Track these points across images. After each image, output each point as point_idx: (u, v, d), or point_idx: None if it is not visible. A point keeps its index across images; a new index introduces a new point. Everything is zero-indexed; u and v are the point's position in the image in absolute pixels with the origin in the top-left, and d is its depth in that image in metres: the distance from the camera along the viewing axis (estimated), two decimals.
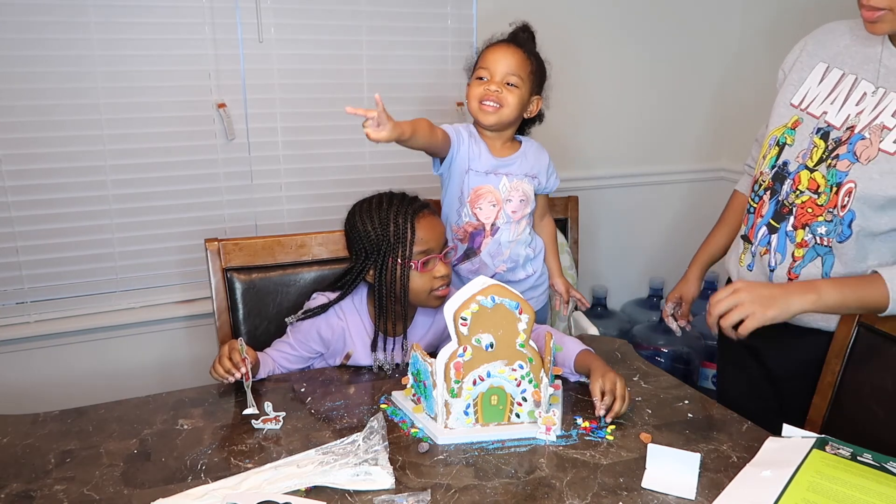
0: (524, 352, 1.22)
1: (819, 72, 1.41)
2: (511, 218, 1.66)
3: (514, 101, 1.59)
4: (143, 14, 1.89)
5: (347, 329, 1.48)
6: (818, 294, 1.25)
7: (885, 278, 1.26)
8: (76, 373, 2.03)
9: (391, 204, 1.45)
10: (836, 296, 1.26)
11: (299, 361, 1.50)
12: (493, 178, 1.64)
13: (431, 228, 1.45)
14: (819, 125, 1.36)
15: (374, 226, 1.43)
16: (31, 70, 1.82)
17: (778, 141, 1.42)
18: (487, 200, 1.64)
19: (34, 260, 1.93)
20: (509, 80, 1.58)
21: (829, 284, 1.27)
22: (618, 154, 2.61)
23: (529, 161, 1.68)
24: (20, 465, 1.12)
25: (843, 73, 1.37)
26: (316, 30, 2.07)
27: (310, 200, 2.18)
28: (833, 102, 1.36)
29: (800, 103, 1.41)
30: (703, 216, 2.70)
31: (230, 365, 1.30)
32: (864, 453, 1.10)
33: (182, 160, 2.02)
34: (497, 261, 1.67)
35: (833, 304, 1.27)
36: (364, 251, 1.44)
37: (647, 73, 2.56)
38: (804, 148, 1.36)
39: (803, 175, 1.35)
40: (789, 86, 1.44)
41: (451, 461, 1.14)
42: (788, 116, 1.42)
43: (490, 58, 1.59)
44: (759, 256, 1.41)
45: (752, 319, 1.23)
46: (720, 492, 1.05)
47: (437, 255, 1.44)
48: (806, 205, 1.33)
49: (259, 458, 1.14)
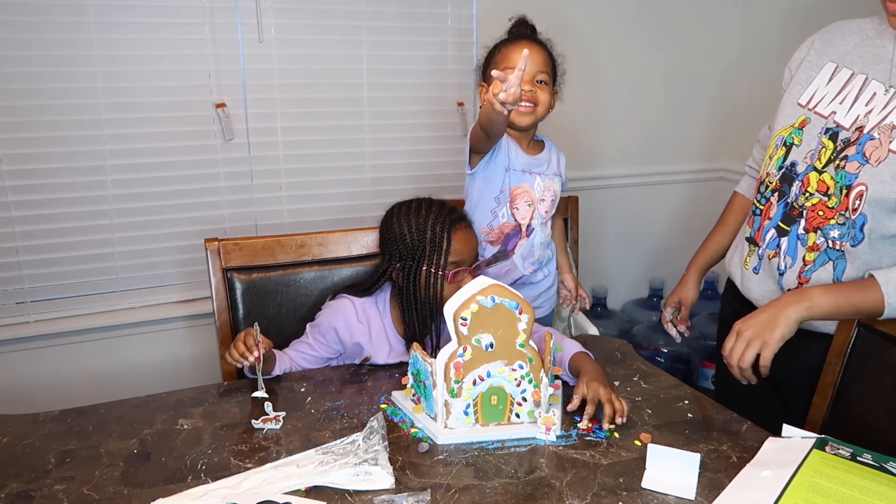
0: (524, 352, 1.22)
1: (828, 71, 1.38)
2: (544, 218, 1.65)
3: (546, 98, 1.58)
4: (142, 14, 1.89)
5: (369, 332, 1.47)
6: (811, 301, 1.25)
7: (879, 282, 1.24)
8: (76, 373, 2.03)
9: (430, 211, 1.45)
10: (829, 303, 1.25)
11: (318, 362, 1.50)
12: (528, 178, 1.63)
13: (466, 241, 1.45)
14: (827, 125, 1.33)
15: (411, 230, 1.43)
16: (31, 70, 1.82)
17: (785, 141, 1.39)
18: (524, 200, 1.63)
19: (34, 260, 1.93)
20: (539, 78, 1.57)
21: (822, 292, 1.26)
22: (618, 154, 2.61)
23: (554, 159, 1.68)
24: (20, 465, 1.12)
25: (852, 73, 1.35)
26: (316, 30, 2.07)
27: (310, 200, 2.18)
28: (842, 102, 1.33)
29: (807, 103, 1.38)
30: (704, 216, 2.70)
31: (244, 349, 1.31)
32: (864, 453, 1.10)
33: (182, 160, 2.02)
34: (527, 262, 1.66)
35: (827, 310, 1.26)
36: (398, 253, 1.45)
37: (648, 74, 2.56)
38: (812, 148, 1.34)
39: (812, 177, 1.32)
40: (796, 85, 1.42)
41: (451, 461, 1.14)
42: (796, 116, 1.39)
43: (516, 57, 1.50)
44: (767, 259, 1.38)
45: (766, 349, 1.24)
46: (720, 492, 1.05)
47: (467, 269, 1.44)
48: (817, 207, 1.31)
49: (259, 458, 1.14)
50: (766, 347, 1.24)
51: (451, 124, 2.28)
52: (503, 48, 1.60)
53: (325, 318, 1.50)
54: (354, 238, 1.70)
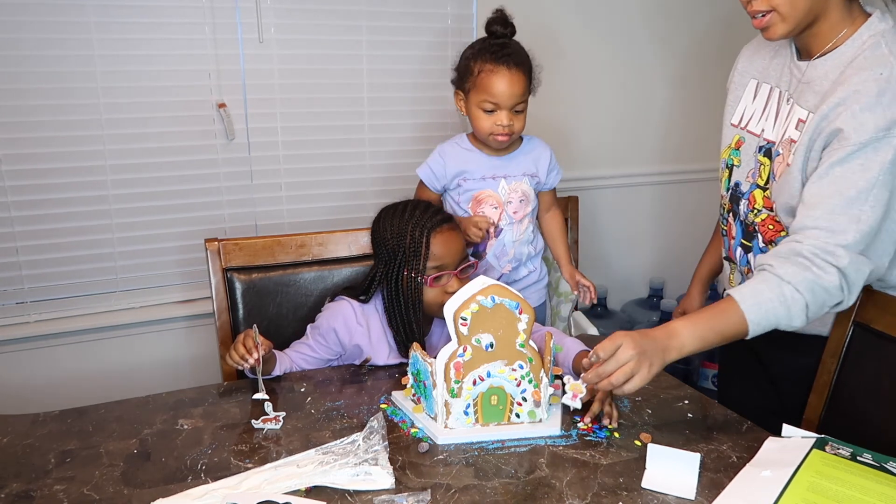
0: (524, 352, 1.22)
1: (752, 89, 1.40)
2: (513, 218, 1.66)
3: (523, 121, 1.61)
4: (142, 14, 1.89)
5: (368, 334, 1.47)
6: (680, 342, 1.16)
7: (740, 306, 1.17)
8: (76, 373, 2.03)
9: (412, 215, 1.44)
10: (696, 339, 1.17)
11: (318, 363, 1.50)
12: (491, 183, 1.66)
13: (447, 244, 1.43)
14: (760, 143, 1.34)
15: (393, 234, 1.44)
16: (30, 70, 1.82)
17: (727, 163, 1.41)
18: (489, 204, 1.65)
19: (34, 260, 1.93)
20: (518, 108, 1.58)
21: (689, 327, 1.18)
22: (618, 154, 2.61)
23: (529, 159, 1.69)
24: (20, 465, 1.12)
25: (770, 88, 1.36)
26: (316, 30, 2.07)
27: (310, 200, 2.18)
28: (768, 119, 1.34)
29: (739, 122, 1.40)
30: (704, 216, 2.70)
31: (244, 350, 1.31)
32: (864, 453, 1.10)
33: (182, 160, 2.01)
34: (503, 261, 1.68)
35: (695, 347, 1.17)
36: (383, 256, 1.46)
37: (648, 74, 2.56)
38: (752, 167, 1.35)
39: (757, 195, 1.34)
40: (728, 106, 1.44)
41: (451, 461, 1.14)
42: (731, 137, 1.41)
43: (496, 89, 1.55)
44: (745, 275, 1.40)
45: (639, 379, 1.13)
46: (720, 492, 1.05)
47: (450, 272, 1.43)
48: (766, 222, 1.32)
49: (259, 458, 1.14)
50: (637, 378, 1.13)
51: (450, 124, 2.27)
52: (484, 70, 1.56)
53: (325, 319, 1.50)
54: (354, 238, 1.70)
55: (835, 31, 1.23)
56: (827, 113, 1.19)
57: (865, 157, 1.15)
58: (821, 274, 1.16)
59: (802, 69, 1.28)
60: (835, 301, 1.19)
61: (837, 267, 1.16)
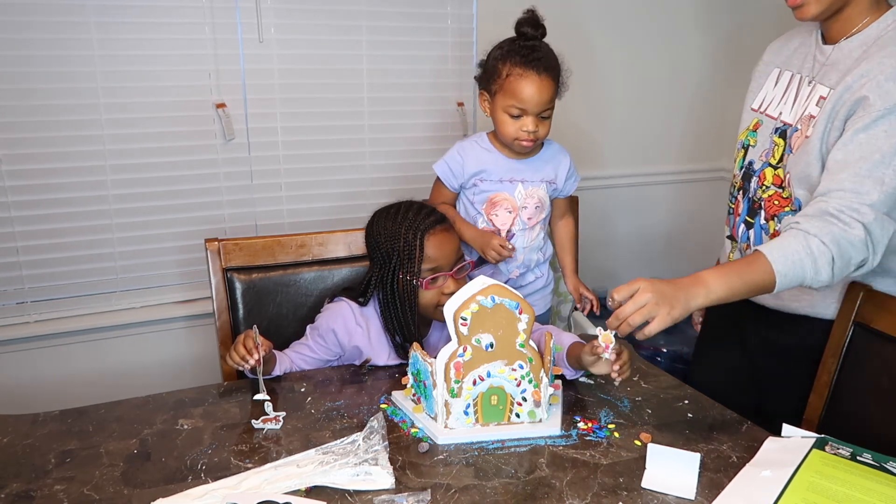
0: (524, 352, 1.22)
1: (773, 76, 1.47)
2: (526, 224, 1.65)
3: (548, 126, 1.59)
4: (142, 14, 1.89)
5: (368, 335, 1.47)
6: (706, 287, 1.19)
7: (765, 253, 1.21)
8: (76, 373, 2.03)
9: (405, 217, 1.42)
10: (723, 285, 1.20)
11: (317, 364, 1.50)
12: (508, 186, 1.64)
13: (441, 246, 1.42)
14: (776, 125, 1.41)
15: (387, 237, 1.42)
16: (31, 70, 1.82)
17: (743, 144, 1.49)
18: (503, 207, 1.64)
19: (34, 260, 1.93)
20: (545, 114, 1.56)
21: (714, 274, 1.21)
22: (619, 154, 2.61)
23: (549, 166, 1.67)
24: (20, 465, 1.12)
25: (791, 74, 1.43)
26: (316, 30, 2.07)
27: (310, 200, 2.18)
28: (787, 103, 1.41)
29: (759, 107, 1.48)
30: (704, 216, 2.70)
31: (244, 351, 1.31)
32: (864, 453, 1.10)
33: (182, 160, 2.02)
34: (511, 266, 1.67)
35: (722, 293, 1.20)
36: (378, 259, 1.45)
37: (650, 74, 2.56)
38: (766, 147, 1.42)
39: (768, 172, 1.40)
40: (750, 92, 1.52)
41: (451, 461, 1.14)
42: (750, 120, 1.49)
43: (525, 94, 1.52)
44: (742, 252, 1.46)
45: (655, 323, 1.15)
46: (720, 492, 1.05)
47: (446, 273, 1.42)
48: (772, 198, 1.38)
49: (259, 458, 1.14)
50: (656, 321, 1.15)
51: (451, 124, 2.28)
52: (513, 73, 1.52)
53: (324, 320, 1.49)
54: (354, 238, 1.70)
55: (862, 17, 1.30)
56: (851, 84, 1.25)
57: (889, 123, 1.20)
58: (846, 228, 1.20)
59: (827, 53, 1.35)
60: (860, 257, 1.21)
61: (862, 223, 1.20)
